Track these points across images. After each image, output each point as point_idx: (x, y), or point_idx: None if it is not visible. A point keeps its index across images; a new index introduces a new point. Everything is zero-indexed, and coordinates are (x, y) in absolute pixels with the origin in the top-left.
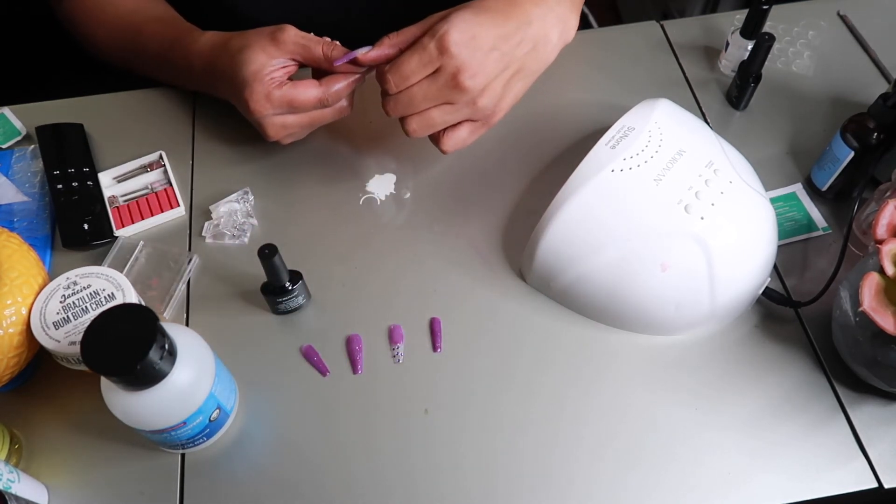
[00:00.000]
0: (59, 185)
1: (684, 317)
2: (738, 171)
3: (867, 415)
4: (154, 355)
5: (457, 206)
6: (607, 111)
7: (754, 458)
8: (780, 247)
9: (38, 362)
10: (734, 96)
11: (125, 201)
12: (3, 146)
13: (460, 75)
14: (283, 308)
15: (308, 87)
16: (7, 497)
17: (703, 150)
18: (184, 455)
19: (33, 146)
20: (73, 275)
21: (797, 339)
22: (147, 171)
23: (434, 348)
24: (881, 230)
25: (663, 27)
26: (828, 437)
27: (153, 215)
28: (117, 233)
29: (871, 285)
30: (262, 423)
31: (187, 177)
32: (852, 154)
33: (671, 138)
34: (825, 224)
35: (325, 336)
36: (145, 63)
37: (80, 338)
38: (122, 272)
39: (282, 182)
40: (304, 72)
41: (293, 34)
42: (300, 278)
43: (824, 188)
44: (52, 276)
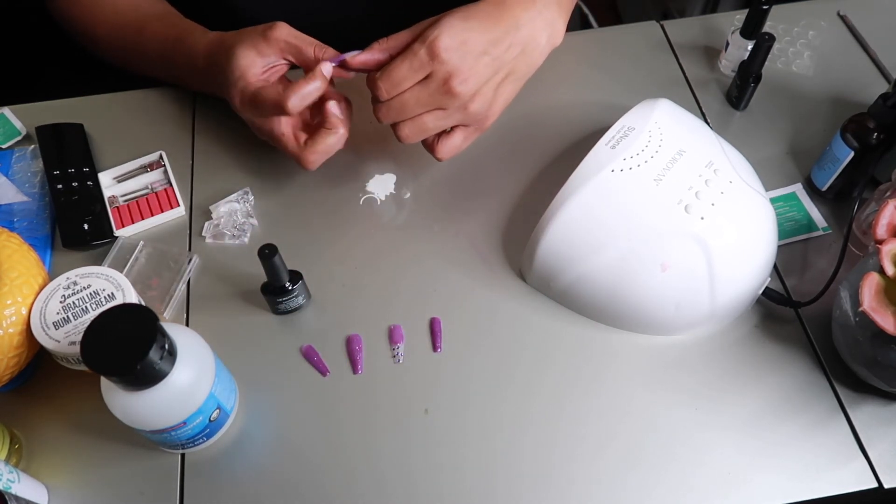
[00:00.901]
0: (59, 185)
1: (684, 317)
2: (738, 171)
3: (867, 415)
4: (154, 355)
5: (457, 206)
6: (607, 111)
7: (754, 458)
8: (780, 247)
9: (38, 362)
10: (734, 96)
11: (125, 201)
12: (3, 146)
13: (452, 80)
14: (283, 308)
15: (274, 87)
16: (7, 497)
17: (703, 150)
18: (184, 455)
19: (33, 146)
20: (73, 275)
21: (797, 339)
22: (147, 171)
23: (434, 348)
24: (881, 230)
25: (663, 27)
26: (828, 437)
27: (153, 215)
28: (117, 233)
29: (871, 285)
30: (262, 423)
31: (187, 177)
32: (852, 154)
33: (671, 138)
34: (825, 224)
35: (325, 336)
36: (146, 62)
37: (80, 338)
38: (122, 272)
39: (282, 182)
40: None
41: (285, 32)
42: (300, 278)
43: (824, 188)
44: (52, 276)
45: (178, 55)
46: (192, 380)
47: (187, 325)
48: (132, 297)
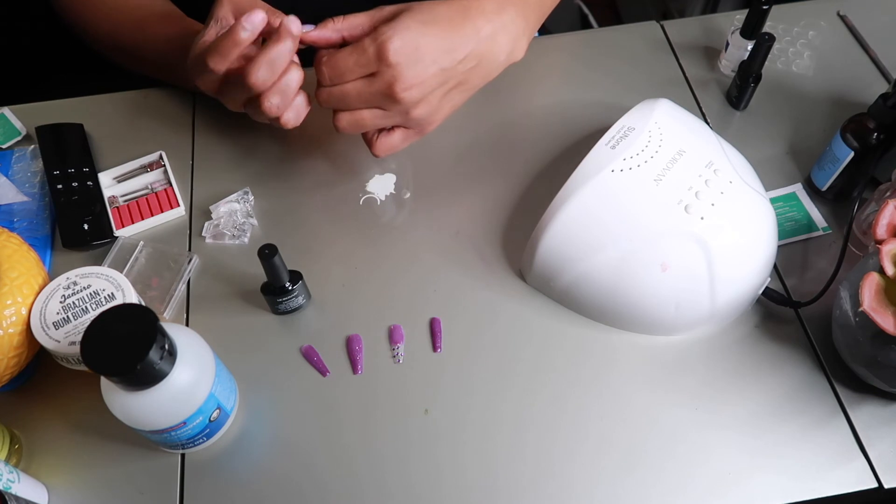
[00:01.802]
0: (59, 185)
1: (684, 317)
2: (738, 172)
3: (867, 415)
4: (154, 355)
5: (457, 206)
6: (607, 111)
7: (754, 458)
8: (780, 247)
9: (38, 362)
10: (734, 96)
11: (125, 201)
12: (3, 146)
13: (395, 85)
14: (283, 308)
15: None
16: (7, 497)
17: (703, 150)
18: (184, 455)
19: (33, 146)
20: (73, 275)
21: (797, 339)
22: (147, 171)
23: (434, 348)
24: (881, 230)
25: (663, 27)
26: (828, 437)
27: (153, 215)
28: (117, 233)
29: (871, 285)
30: (262, 423)
31: (187, 177)
32: (852, 154)
33: (671, 138)
34: (825, 224)
35: (325, 336)
36: (146, 60)
37: (80, 338)
38: (122, 272)
39: (282, 182)
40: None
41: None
42: (300, 278)
43: (824, 188)
44: (52, 276)
45: (182, 55)
46: (192, 380)
47: (187, 325)
48: (132, 298)
